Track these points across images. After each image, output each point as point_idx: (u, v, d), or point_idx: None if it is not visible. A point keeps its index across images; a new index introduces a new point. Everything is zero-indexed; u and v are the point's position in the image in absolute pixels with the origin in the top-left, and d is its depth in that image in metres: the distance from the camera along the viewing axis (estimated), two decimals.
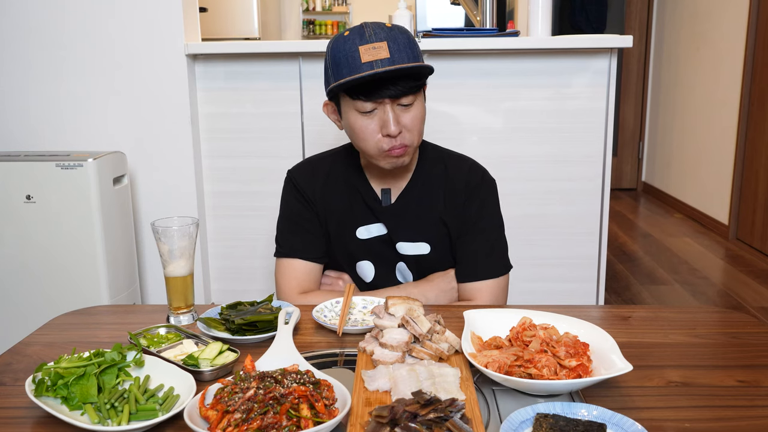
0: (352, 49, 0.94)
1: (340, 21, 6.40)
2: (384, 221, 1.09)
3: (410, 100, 0.97)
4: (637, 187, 4.70)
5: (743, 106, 3.25)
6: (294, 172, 1.14)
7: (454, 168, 1.10)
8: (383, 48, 0.93)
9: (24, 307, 1.73)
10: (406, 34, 0.97)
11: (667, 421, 0.68)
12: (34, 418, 0.69)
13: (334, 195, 1.11)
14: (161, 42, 1.87)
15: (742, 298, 2.58)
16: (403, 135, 0.98)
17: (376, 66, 0.93)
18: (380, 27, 0.96)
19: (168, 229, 0.91)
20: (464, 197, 1.09)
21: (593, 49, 1.83)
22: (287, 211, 1.14)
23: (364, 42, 0.94)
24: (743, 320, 0.95)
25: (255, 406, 0.63)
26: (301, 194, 1.11)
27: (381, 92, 0.94)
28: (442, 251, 1.10)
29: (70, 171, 1.66)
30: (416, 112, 0.99)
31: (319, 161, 1.15)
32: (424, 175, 1.10)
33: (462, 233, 1.09)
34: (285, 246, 1.12)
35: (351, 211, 1.10)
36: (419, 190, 1.09)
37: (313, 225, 1.11)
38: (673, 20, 4.18)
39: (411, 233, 1.09)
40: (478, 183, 1.10)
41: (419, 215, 1.09)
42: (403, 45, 0.95)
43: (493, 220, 1.11)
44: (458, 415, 0.62)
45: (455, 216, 1.09)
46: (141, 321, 0.96)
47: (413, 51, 0.96)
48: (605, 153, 1.89)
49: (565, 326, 0.83)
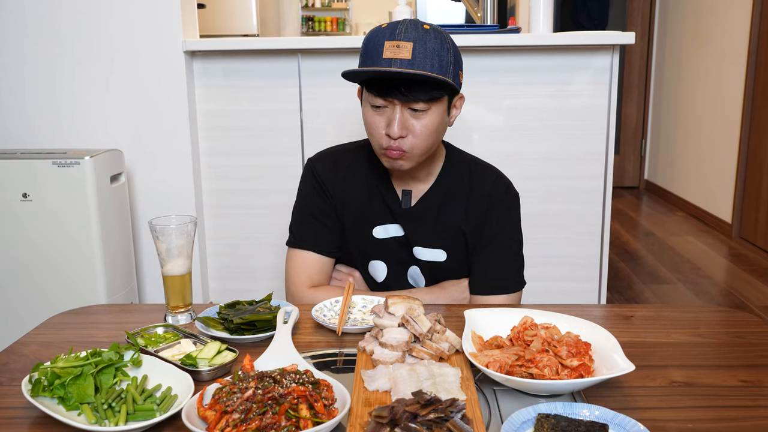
0: (379, 42, 0.93)
1: (340, 17, 6.38)
2: (402, 223, 1.08)
3: (423, 107, 0.95)
4: (640, 185, 4.69)
5: (746, 103, 3.24)
6: (315, 162, 1.12)
7: (478, 178, 1.09)
8: (407, 48, 0.91)
9: (20, 306, 1.73)
10: (441, 41, 0.94)
11: (669, 422, 0.67)
12: (31, 418, 0.69)
13: (354, 190, 1.09)
14: (159, 39, 1.86)
15: (745, 297, 2.57)
16: (405, 140, 0.96)
17: (393, 64, 0.91)
18: (415, 27, 0.94)
19: (166, 228, 0.91)
20: (486, 209, 1.07)
21: (595, 46, 1.82)
22: (304, 201, 1.12)
23: (392, 38, 0.93)
24: (746, 320, 0.95)
25: (253, 406, 0.63)
26: (320, 185, 1.10)
27: (392, 92, 0.93)
28: (458, 260, 1.09)
29: (67, 169, 1.65)
30: (428, 121, 0.96)
31: (342, 153, 1.13)
32: (447, 182, 1.08)
33: (479, 245, 1.08)
34: (298, 236, 1.11)
35: (370, 209, 1.09)
36: (441, 196, 1.08)
37: (329, 218, 1.10)
38: (675, 17, 4.16)
39: (428, 238, 1.08)
40: (501, 196, 1.08)
41: (438, 221, 1.08)
42: (431, 51, 0.92)
43: (512, 236, 1.09)
44: (459, 416, 0.62)
45: (475, 227, 1.07)
46: (138, 320, 0.96)
47: (441, 60, 0.93)
48: (607, 151, 1.89)
49: (567, 326, 0.83)
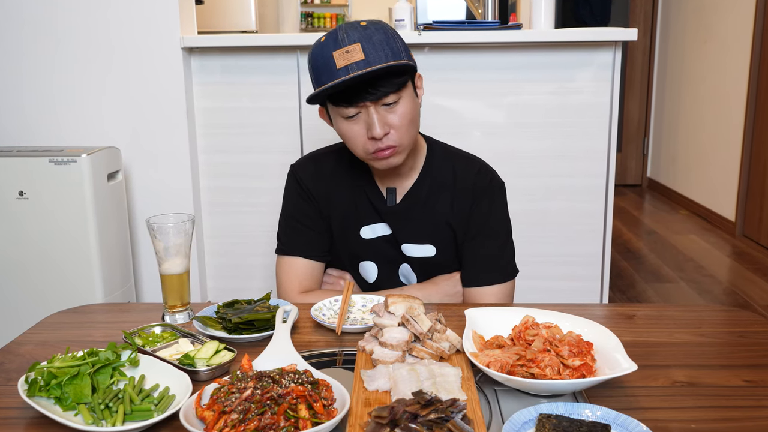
0: (327, 55, 0.92)
1: (339, 13, 6.37)
2: (388, 221, 1.08)
3: (394, 98, 0.94)
4: (642, 183, 4.68)
5: (750, 100, 3.22)
6: (297, 168, 1.12)
7: (462, 169, 1.08)
8: (357, 50, 0.90)
9: (16, 305, 1.72)
10: (383, 31, 0.94)
11: (672, 422, 0.67)
12: (27, 418, 0.68)
13: (339, 192, 1.09)
14: (157, 35, 1.85)
15: (749, 296, 2.56)
16: (390, 136, 0.96)
17: (351, 70, 0.90)
18: (354, 27, 0.93)
19: (163, 226, 0.90)
20: (471, 200, 1.07)
21: (597, 43, 1.81)
22: (289, 207, 1.12)
23: (338, 46, 0.91)
24: (750, 319, 0.94)
25: (252, 406, 0.63)
26: (305, 190, 1.10)
27: (361, 96, 0.92)
28: (448, 254, 1.09)
29: (64, 166, 1.64)
30: (403, 109, 0.96)
31: (324, 156, 1.13)
32: (431, 176, 1.08)
33: (468, 237, 1.07)
34: (286, 243, 1.11)
35: (355, 210, 1.09)
36: (425, 191, 1.07)
37: (315, 222, 1.10)
38: (678, 12, 4.14)
39: (416, 234, 1.08)
40: (486, 186, 1.07)
41: (425, 216, 1.07)
42: (379, 43, 0.92)
43: (500, 225, 1.09)
44: (459, 416, 0.62)
45: (461, 219, 1.07)
46: (136, 320, 0.95)
47: (391, 48, 0.93)
48: (609, 148, 1.88)
49: (569, 325, 0.82)
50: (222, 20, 4.08)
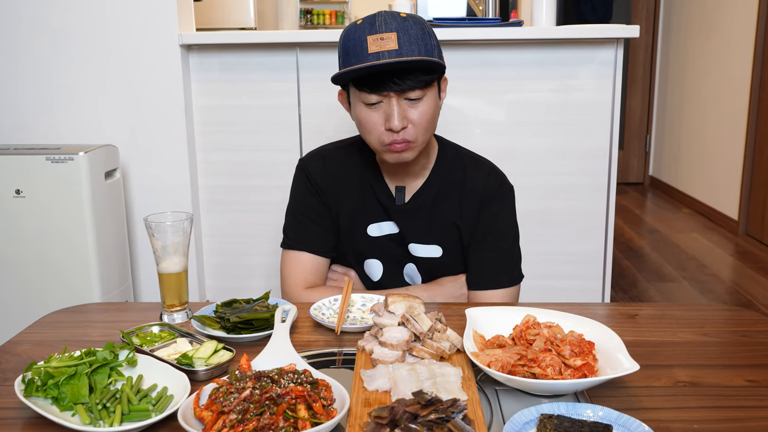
0: (361, 38, 0.92)
1: (339, 10, 6.36)
2: (396, 220, 1.08)
3: (418, 94, 0.94)
4: (644, 181, 4.67)
5: (753, 97, 3.21)
6: (306, 162, 1.12)
7: (472, 172, 1.08)
8: (392, 39, 0.91)
9: (13, 304, 1.72)
10: (421, 26, 0.94)
11: (674, 422, 0.67)
12: (24, 419, 0.68)
13: (347, 188, 1.09)
14: (155, 32, 1.84)
15: (752, 295, 2.55)
16: (407, 130, 0.96)
17: (382, 57, 0.90)
18: (393, 17, 0.93)
19: (161, 225, 0.90)
20: (480, 203, 1.06)
21: (599, 40, 1.81)
22: (297, 202, 1.11)
23: (374, 31, 0.92)
24: (753, 318, 0.94)
25: (251, 406, 0.63)
26: (313, 185, 1.09)
27: (386, 85, 0.92)
28: (454, 256, 1.09)
29: (61, 165, 1.64)
30: (425, 107, 0.96)
31: (333, 152, 1.12)
32: (440, 176, 1.07)
33: (475, 240, 1.07)
34: (293, 237, 1.10)
35: (363, 207, 1.08)
36: (434, 191, 1.07)
37: (323, 218, 1.09)
38: (681, 9, 4.13)
39: (423, 234, 1.08)
40: (495, 190, 1.07)
41: (433, 217, 1.07)
42: (415, 37, 0.92)
43: (507, 229, 1.08)
44: (460, 416, 0.62)
45: (469, 221, 1.07)
46: (133, 319, 0.95)
47: (426, 45, 0.93)
48: (611, 146, 1.87)
49: (570, 324, 0.82)
50: (220, 17, 4.07)
